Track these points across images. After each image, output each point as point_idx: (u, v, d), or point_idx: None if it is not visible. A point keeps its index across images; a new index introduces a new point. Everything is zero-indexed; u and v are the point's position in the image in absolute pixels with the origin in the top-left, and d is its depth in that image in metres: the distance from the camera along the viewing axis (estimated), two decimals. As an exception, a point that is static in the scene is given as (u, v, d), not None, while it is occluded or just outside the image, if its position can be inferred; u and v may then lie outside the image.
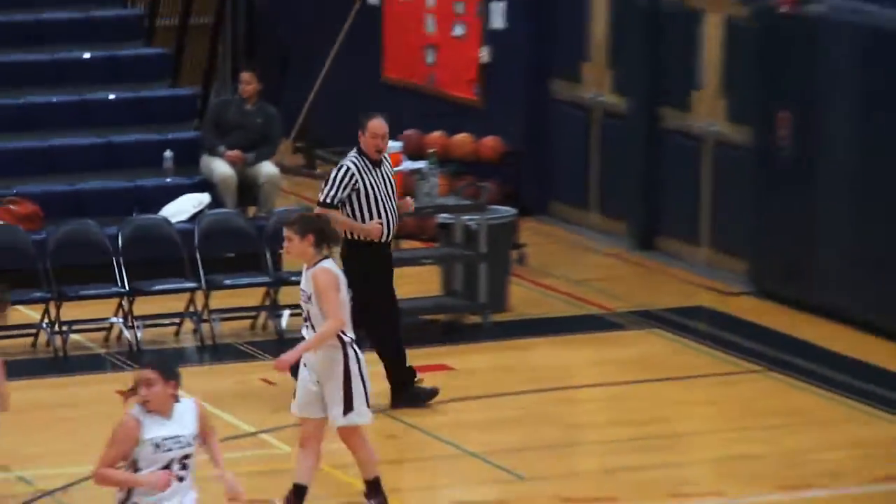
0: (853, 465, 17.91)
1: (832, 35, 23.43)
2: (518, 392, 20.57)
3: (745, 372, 21.65)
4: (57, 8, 29.14)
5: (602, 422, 20.67)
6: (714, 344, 22.57)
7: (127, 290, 22.28)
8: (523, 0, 28.24)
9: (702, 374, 21.84)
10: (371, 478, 15.20)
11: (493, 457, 18.51)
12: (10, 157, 26.08)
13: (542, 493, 17.79)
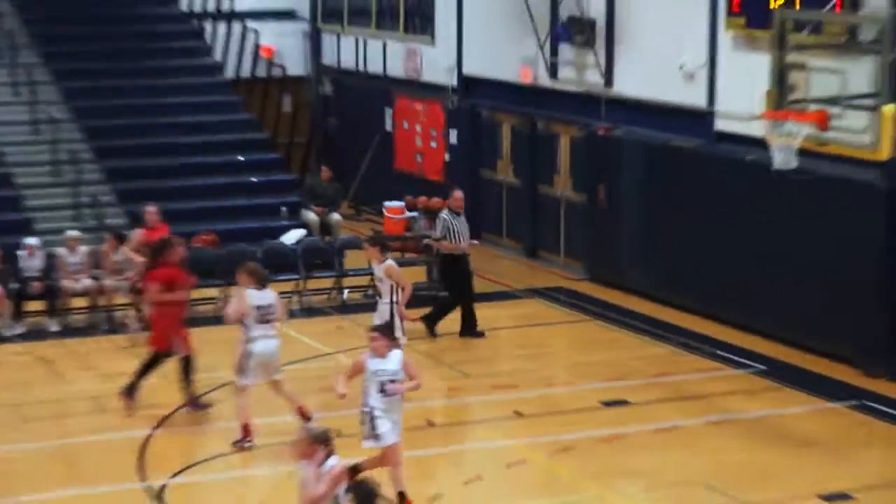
0: (639, 368, 22.15)
1: (626, 146, 26.48)
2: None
3: (582, 321, 25.12)
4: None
5: (509, 345, 24.03)
6: (567, 306, 26.01)
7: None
8: (466, 128, 30.85)
9: (560, 322, 25.31)
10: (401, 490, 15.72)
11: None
12: (197, 208, 29.04)
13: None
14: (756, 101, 20.20)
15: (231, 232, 27.67)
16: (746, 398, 20.83)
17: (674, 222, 24.84)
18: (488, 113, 30.87)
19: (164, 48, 33.97)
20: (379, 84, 34.30)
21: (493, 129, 30.69)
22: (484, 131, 30.90)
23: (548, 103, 28.91)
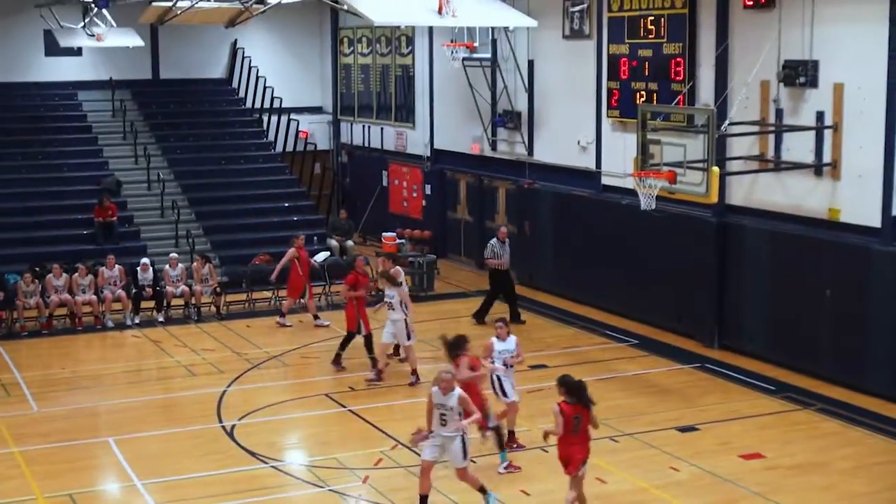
0: (552, 343, 22.20)
1: (542, 194, 25.90)
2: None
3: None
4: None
5: (467, 328, 22.39)
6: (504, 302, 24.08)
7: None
8: (436, 183, 30.24)
9: (500, 313, 22.08)
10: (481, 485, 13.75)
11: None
12: (257, 238, 28.21)
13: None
14: (627, 164, 19.99)
15: (279, 253, 26.30)
16: (626, 362, 20.61)
17: (574, 245, 24.35)
18: (451, 173, 30.47)
19: (234, 132, 33.80)
20: (378, 155, 33.87)
21: (454, 184, 30.32)
22: (448, 185, 30.49)
23: (490, 167, 28.58)
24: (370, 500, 14.27)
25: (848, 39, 18.42)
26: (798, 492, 14.34)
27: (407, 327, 19.29)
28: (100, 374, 20.80)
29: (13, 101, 32.29)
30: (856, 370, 18.43)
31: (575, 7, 24.74)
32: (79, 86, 33.37)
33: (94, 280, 24.06)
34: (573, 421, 12.80)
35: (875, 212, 18.20)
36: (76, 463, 15.83)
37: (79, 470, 15.61)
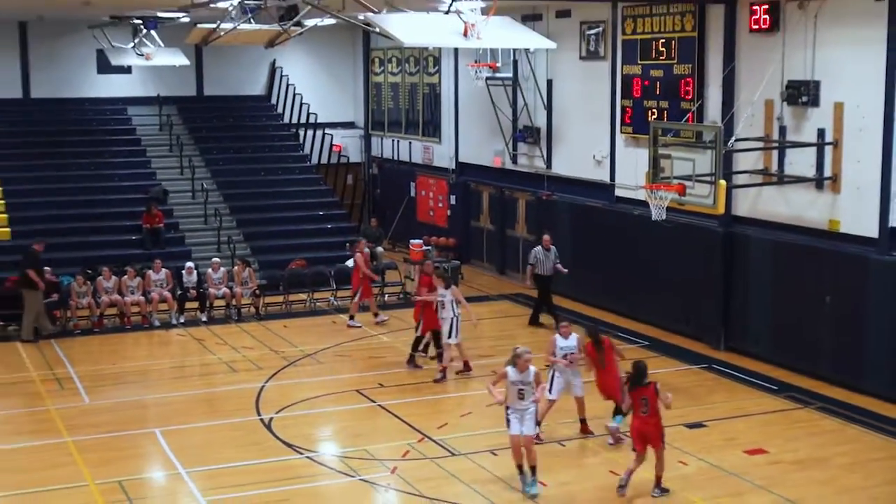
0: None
1: (559, 205, 25.82)
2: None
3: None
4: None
5: (490, 327, 22.51)
6: (524, 305, 24.85)
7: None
8: (460, 195, 30.10)
9: (520, 315, 24.24)
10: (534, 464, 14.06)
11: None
12: (294, 244, 28.02)
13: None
14: (640, 177, 19.99)
15: (314, 259, 27.25)
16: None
17: (589, 252, 24.21)
18: (474, 185, 30.36)
19: (273, 145, 33.79)
20: (406, 167, 33.80)
21: (477, 195, 30.21)
22: (471, 196, 30.38)
23: (511, 179, 28.44)
24: (398, 490, 14.25)
25: (847, 61, 18.40)
26: (799, 485, 14.27)
27: (453, 326, 19.21)
28: (147, 369, 20.90)
29: (68, 115, 32.46)
30: (854, 372, 18.36)
31: (591, 30, 24.83)
32: (128, 101, 33.51)
33: (141, 282, 24.13)
34: (641, 402, 13.49)
35: (873, 223, 18.15)
36: (125, 452, 15.89)
37: (127, 458, 15.68)
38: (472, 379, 19.53)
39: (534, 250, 22.90)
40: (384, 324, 23.46)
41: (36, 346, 22.14)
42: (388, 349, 21.70)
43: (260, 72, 35.40)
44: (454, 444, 15.95)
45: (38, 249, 23.01)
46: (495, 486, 14.22)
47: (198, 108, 34.16)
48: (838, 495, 14.01)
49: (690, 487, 14.29)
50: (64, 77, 32.91)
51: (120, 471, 15.00)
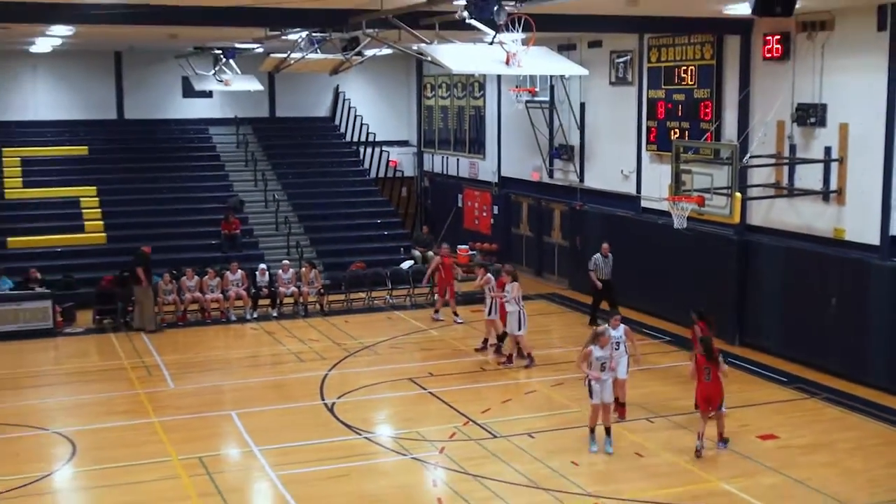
0: None
1: (590, 215, 25.62)
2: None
3: (568, 312, 24.01)
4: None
5: (530, 324, 20.87)
6: (559, 304, 24.85)
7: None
8: (502, 205, 29.88)
9: (556, 312, 24.11)
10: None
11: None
12: (354, 248, 27.89)
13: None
14: (663, 190, 20.01)
15: (372, 261, 27.21)
16: (660, 356, 20.32)
17: (617, 257, 23.46)
18: (514, 197, 30.21)
19: (336, 160, 33.67)
20: (454, 181, 33.65)
21: (517, 205, 30.08)
22: (512, 207, 30.24)
23: (547, 191, 28.29)
24: (445, 468, 14.25)
25: (852, 86, 18.32)
26: (806, 467, 14.17)
27: (520, 319, 19.19)
28: (224, 359, 20.95)
29: (156, 134, 32.61)
30: (857, 366, 18.22)
31: (620, 59, 24.75)
32: (209, 122, 33.68)
33: (220, 281, 24.22)
34: (704, 371, 14.34)
35: (875, 232, 18.07)
36: (205, 431, 15.99)
37: (207, 437, 15.77)
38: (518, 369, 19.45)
39: (594, 257, 22.54)
40: (461, 324, 23.16)
41: (128, 337, 22.31)
42: (438, 342, 21.70)
43: (325, 96, 35.40)
44: (495, 427, 15.92)
45: (146, 251, 23.22)
46: (532, 465, 14.22)
47: (270, 128, 34.19)
48: (841, 477, 13.89)
49: (709, 468, 14.23)
50: (153, 101, 33.16)
51: (200, 448, 15.12)
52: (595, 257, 22.49)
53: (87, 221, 27.98)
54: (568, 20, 18.25)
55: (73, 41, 25.90)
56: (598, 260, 22.40)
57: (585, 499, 13.08)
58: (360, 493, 13.27)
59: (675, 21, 19.86)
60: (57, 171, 29.70)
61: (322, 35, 19.26)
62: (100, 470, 14.24)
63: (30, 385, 18.76)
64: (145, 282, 22.75)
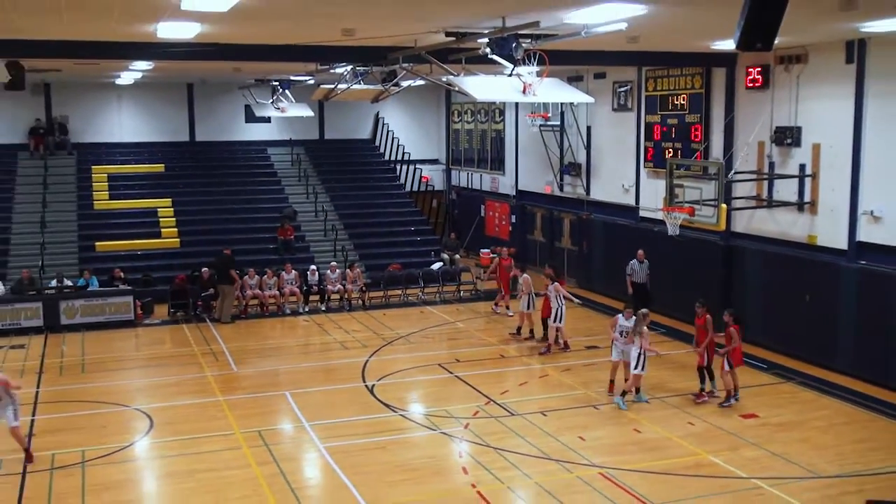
0: (602, 330, 21.41)
1: (596, 224, 25.39)
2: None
3: (576, 308, 21.54)
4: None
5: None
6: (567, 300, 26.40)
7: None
8: (519, 215, 29.62)
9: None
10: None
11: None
12: (392, 251, 27.59)
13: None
14: (659, 202, 19.81)
15: (407, 263, 27.02)
16: (655, 345, 18.91)
17: (618, 259, 23.31)
18: (530, 207, 29.99)
19: (376, 176, 33.37)
20: (478, 194, 33.47)
21: (532, 215, 29.83)
22: (528, 216, 30.04)
23: (558, 203, 28.05)
24: (469, 441, 14.18)
25: (823, 111, 18.23)
26: (783, 443, 14.09)
27: (558, 312, 19.05)
28: (280, 346, 20.84)
29: (222, 154, 32.63)
30: (827, 354, 18.11)
31: (621, 88, 24.60)
32: (268, 144, 33.57)
33: (277, 280, 24.15)
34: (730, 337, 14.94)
35: (843, 238, 17.94)
36: (263, 409, 15.94)
37: (265, 414, 15.72)
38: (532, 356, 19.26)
39: (630, 262, 21.61)
40: (509, 316, 22.81)
41: (197, 327, 22.35)
42: (463, 333, 21.52)
43: (367, 121, 35.26)
44: (513, 406, 15.87)
45: (228, 253, 23.25)
46: (545, 439, 14.19)
47: (320, 149, 34.08)
48: (813, 451, 13.81)
49: (697, 443, 14.15)
50: (220, 125, 33.22)
51: (259, 423, 15.12)
52: (631, 262, 21.66)
53: (163, 228, 28.05)
54: (576, 55, 18.22)
55: (152, 75, 26.20)
56: (635, 265, 21.62)
57: (591, 469, 13.03)
58: (396, 462, 13.24)
59: (669, 55, 19.77)
60: (138, 186, 29.85)
61: (365, 69, 19.30)
62: (173, 441, 14.34)
63: (114, 368, 18.85)
64: (237, 278, 22.86)
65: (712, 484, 12.50)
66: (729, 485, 12.46)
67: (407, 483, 12.48)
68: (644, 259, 21.49)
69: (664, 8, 11.89)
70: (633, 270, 21.61)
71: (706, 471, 13.01)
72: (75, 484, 12.51)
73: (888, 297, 16.77)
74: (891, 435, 14.49)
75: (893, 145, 16.75)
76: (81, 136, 31.43)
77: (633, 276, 21.54)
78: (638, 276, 21.52)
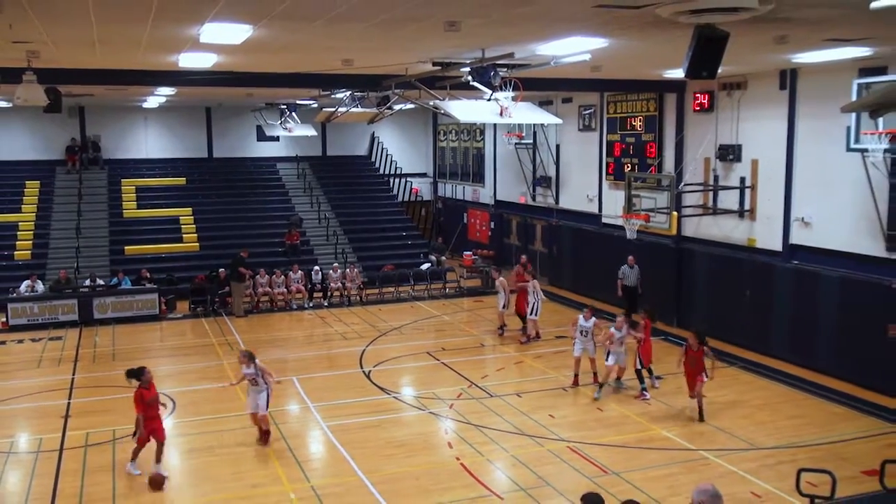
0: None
1: (564, 230, 25.05)
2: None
3: (547, 303, 20.91)
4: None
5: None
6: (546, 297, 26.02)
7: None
8: (497, 222, 29.21)
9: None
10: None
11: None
12: (385, 254, 27.00)
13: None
14: (619, 210, 19.75)
15: (399, 264, 26.77)
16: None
17: (584, 261, 23.64)
18: (507, 215, 29.67)
19: (372, 188, 33.15)
20: (461, 203, 33.16)
21: (509, 221, 29.51)
22: (504, 223, 29.72)
23: (531, 211, 27.81)
24: (454, 419, 14.12)
25: (761, 131, 18.16)
26: (727, 419, 14.06)
27: (535, 307, 18.68)
28: (287, 337, 20.69)
29: (236, 169, 32.35)
30: (764, 342, 18.06)
31: (586, 111, 24.44)
32: (277, 160, 33.31)
33: (285, 279, 24.01)
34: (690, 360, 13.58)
35: (778, 241, 17.89)
36: (273, 392, 15.65)
37: (275, 396, 15.01)
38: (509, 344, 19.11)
39: (622, 268, 20.75)
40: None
41: (215, 321, 22.13)
42: (449, 325, 21.33)
43: (364, 139, 35.05)
44: (492, 388, 15.80)
45: (244, 255, 23.03)
46: (519, 417, 14.13)
47: (323, 164, 33.83)
48: (754, 426, 13.80)
49: (652, 421, 14.13)
50: (235, 143, 33.00)
51: (271, 405, 14.62)
52: (623, 267, 20.78)
53: (184, 234, 27.90)
54: (547, 82, 18.20)
55: (175, 99, 26.10)
56: (625, 269, 20.78)
57: (560, 443, 13.01)
58: (390, 438, 13.18)
59: (626, 82, 19.73)
60: (162, 197, 29.67)
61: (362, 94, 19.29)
62: (194, 421, 14.26)
63: (141, 357, 18.59)
64: (248, 273, 22.67)
65: (665, 455, 12.50)
66: (679, 455, 12.46)
67: (399, 456, 12.43)
68: (634, 264, 20.72)
69: (623, 41, 11.95)
70: (624, 275, 20.87)
71: (660, 444, 13.00)
72: (107, 459, 12.47)
73: (817, 292, 16.78)
74: (821, 412, 14.49)
75: (820, 160, 16.73)
76: (112, 153, 31.29)
77: (624, 280, 20.87)
78: (628, 280, 20.82)
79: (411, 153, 35.61)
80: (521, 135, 26.83)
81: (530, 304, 18.78)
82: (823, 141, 16.62)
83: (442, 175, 35.10)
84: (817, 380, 16.25)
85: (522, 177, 27.99)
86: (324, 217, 30.06)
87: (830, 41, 12.31)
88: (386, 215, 31.37)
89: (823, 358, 16.76)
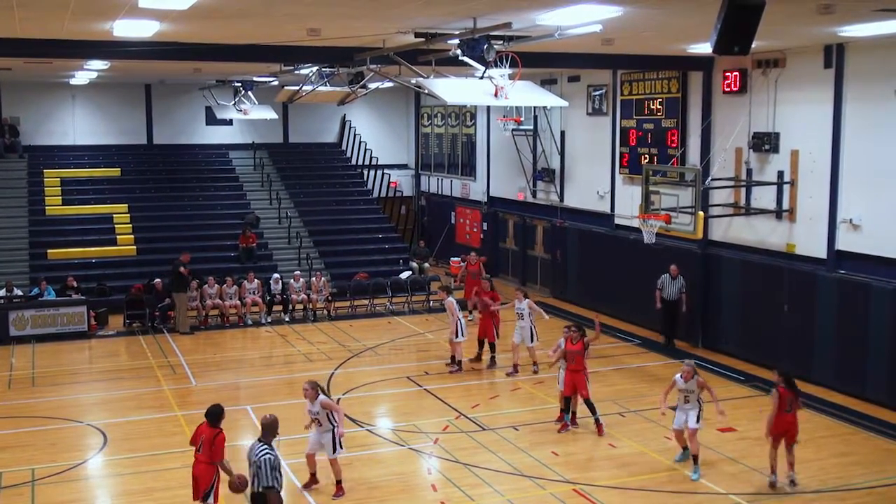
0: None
1: (570, 231, 25.41)
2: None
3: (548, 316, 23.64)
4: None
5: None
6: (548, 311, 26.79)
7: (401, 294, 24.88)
8: (491, 222, 29.62)
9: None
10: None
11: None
12: (359, 260, 27.55)
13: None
14: (634, 209, 19.86)
15: (375, 272, 27.11)
16: (631, 357, 20.24)
17: (593, 268, 23.92)
18: (502, 214, 30.02)
19: (342, 181, 33.40)
20: (448, 200, 33.52)
21: (504, 222, 29.88)
22: (500, 223, 30.05)
23: (531, 210, 28.13)
24: (439, 457, 14.19)
25: (801, 117, 18.33)
26: (762, 457, 13.93)
27: (532, 332, 18.53)
28: (241, 359, 20.85)
29: (182, 157, 32.59)
30: (806, 366, 18.14)
31: (596, 92, 24.70)
32: (229, 147, 33.57)
33: (238, 289, 24.18)
34: (787, 402, 12.64)
35: (822, 247, 18.03)
36: (224, 424, 15.52)
37: (226, 430, 14.89)
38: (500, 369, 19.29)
39: (662, 277, 20.64)
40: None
41: (154, 338, 22.23)
42: (433, 344, 21.56)
43: (333, 124, 35.34)
44: (484, 420, 15.88)
45: (184, 260, 23.12)
46: (517, 454, 14.15)
47: (284, 153, 34.08)
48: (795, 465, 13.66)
49: (673, 457, 14.16)
50: (179, 128, 33.16)
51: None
52: (663, 277, 20.68)
53: (118, 235, 27.96)
54: (550, 58, 18.28)
55: (108, 74, 26.05)
56: (666, 280, 20.63)
57: (564, 485, 13.00)
58: (362, 479, 13.17)
59: (644, 58, 19.87)
60: (92, 191, 29.75)
61: (331, 70, 19.23)
62: (129, 459, 14.22)
63: (67, 382, 18.72)
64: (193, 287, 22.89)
65: (689, 500, 12.49)
66: (706, 500, 12.45)
67: (373, 501, 12.41)
68: (678, 275, 20.47)
69: (640, 10, 11.93)
70: (664, 285, 20.61)
71: (683, 487, 12.97)
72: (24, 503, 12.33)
73: (867, 307, 16.87)
74: (870, 448, 14.54)
75: (872, 151, 16.84)
76: (33, 138, 31.37)
77: (663, 292, 20.61)
78: (668, 293, 20.58)
79: (389, 140, 35.90)
80: (520, 119, 27.05)
81: (522, 330, 18.49)
82: (876, 129, 16.73)
83: (425, 167, 35.48)
84: (867, 411, 16.37)
85: (521, 169, 28.25)
86: (285, 216, 30.21)
87: (883, 11, 12.27)
88: (359, 214, 31.57)
89: (874, 385, 16.85)
